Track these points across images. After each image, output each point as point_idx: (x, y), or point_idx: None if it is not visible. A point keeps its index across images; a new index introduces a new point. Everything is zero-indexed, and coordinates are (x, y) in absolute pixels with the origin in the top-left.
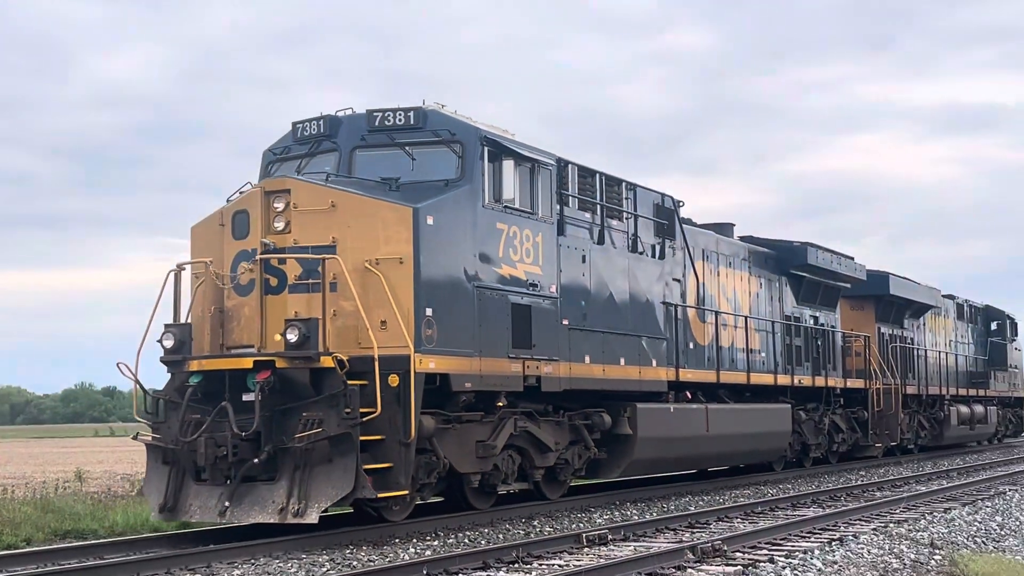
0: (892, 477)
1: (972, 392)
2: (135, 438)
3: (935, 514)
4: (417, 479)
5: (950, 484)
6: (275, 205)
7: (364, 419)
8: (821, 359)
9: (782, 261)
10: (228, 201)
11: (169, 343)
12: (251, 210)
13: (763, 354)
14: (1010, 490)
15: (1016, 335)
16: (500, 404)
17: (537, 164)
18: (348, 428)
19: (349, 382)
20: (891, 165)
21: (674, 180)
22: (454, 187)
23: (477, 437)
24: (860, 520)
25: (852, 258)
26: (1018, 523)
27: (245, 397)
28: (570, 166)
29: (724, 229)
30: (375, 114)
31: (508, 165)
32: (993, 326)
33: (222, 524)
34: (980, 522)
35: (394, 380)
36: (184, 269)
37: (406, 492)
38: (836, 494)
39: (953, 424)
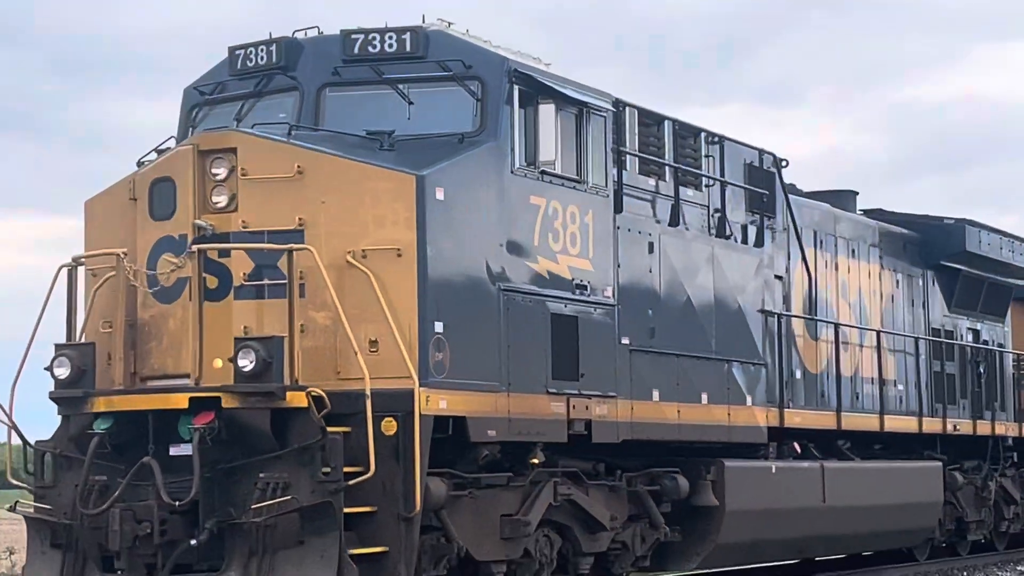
0: None
1: None
2: (12, 509)
3: None
4: (420, 569)
5: None
6: (214, 171)
7: (350, 482)
8: (984, 394)
9: (928, 248)
10: (140, 165)
11: (63, 372)
12: (178, 178)
13: (900, 387)
14: None
15: None
16: (535, 461)
17: (586, 109)
18: (328, 496)
19: (329, 429)
20: None
21: (726, 114)
22: (472, 144)
23: (502, 509)
24: None
25: None
26: None
27: (175, 450)
28: (628, 110)
29: (843, 200)
30: (354, 37)
31: (547, 111)
32: None
33: None
34: None
35: (390, 427)
36: (81, 265)
37: None
38: None
39: None
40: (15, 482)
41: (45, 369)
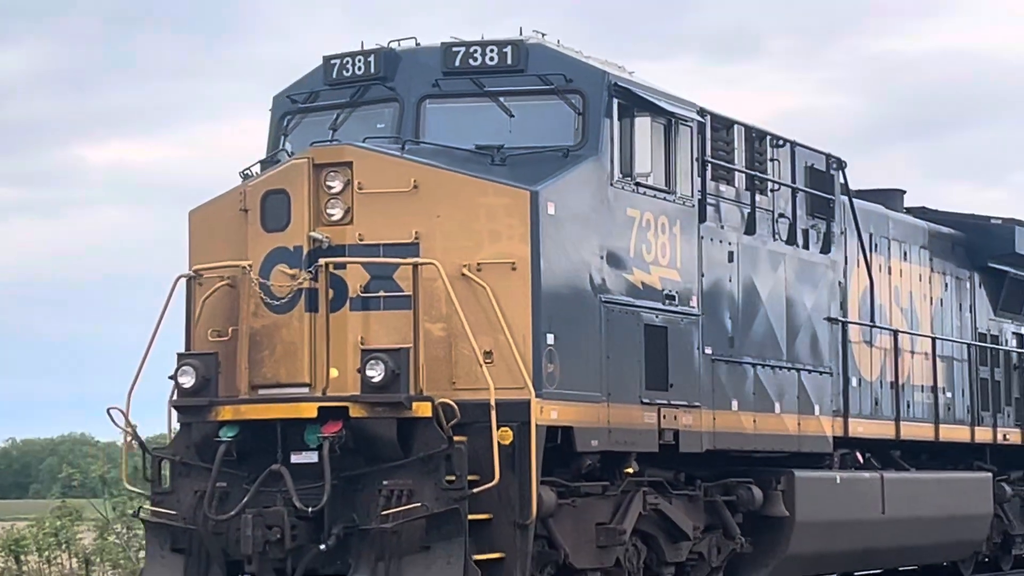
0: None
1: None
2: (136, 515)
3: None
4: (530, 574)
5: None
6: (329, 184)
7: (474, 491)
8: None
9: (974, 249)
10: (244, 176)
11: (188, 381)
12: (292, 190)
13: (949, 394)
14: None
15: None
16: (629, 471)
17: (675, 120)
18: (454, 503)
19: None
20: None
21: (675, 69)
22: (576, 159)
23: (598, 518)
24: None
25: None
26: None
27: (296, 458)
28: (708, 117)
29: (890, 199)
30: (455, 50)
31: (643, 124)
32: None
33: None
34: None
35: (506, 436)
36: (202, 277)
37: None
38: None
39: None
40: (131, 488)
41: (169, 378)
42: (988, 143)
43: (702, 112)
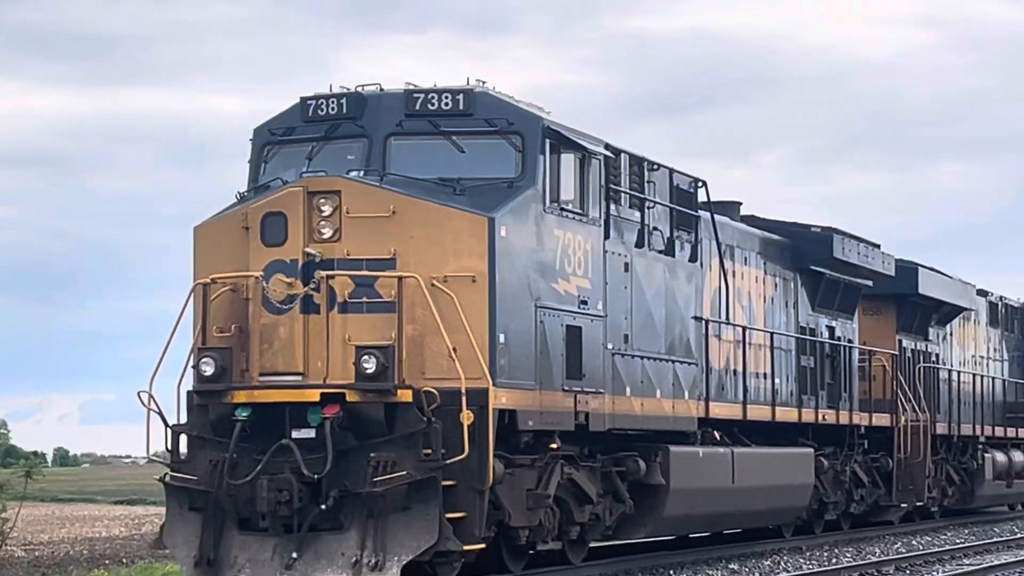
0: None
1: (1012, 433)
2: (162, 480)
3: None
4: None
5: None
6: (321, 208)
7: (447, 462)
8: (838, 386)
9: (799, 253)
10: (241, 196)
11: (209, 370)
12: (289, 212)
13: (779, 380)
14: None
15: None
16: (554, 446)
17: (588, 155)
18: (431, 472)
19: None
20: (812, 27)
21: (430, 42)
22: (518, 189)
23: (527, 485)
24: None
25: (879, 245)
26: None
27: (296, 434)
28: (621, 154)
29: (730, 210)
30: (416, 95)
31: (567, 160)
32: None
33: None
34: None
35: (469, 417)
36: (215, 283)
37: (483, 545)
38: None
39: (988, 479)
40: (154, 458)
41: (192, 367)
42: (734, 122)
43: (607, 147)
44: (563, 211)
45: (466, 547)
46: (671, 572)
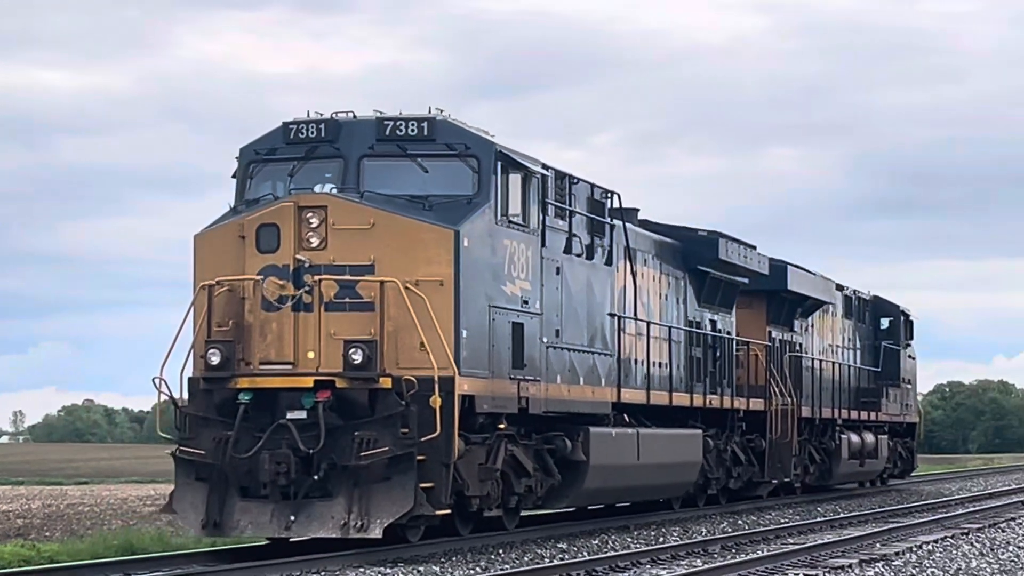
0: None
1: (863, 416)
2: (174, 454)
3: None
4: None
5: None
6: (309, 220)
7: (422, 439)
8: (720, 374)
9: (689, 255)
10: (234, 209)
11: (216, 359)
12: (282, 224)
13: (674, 369)
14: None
15: (911, 337)
16: (502, 427)
17: (530, 174)
18: (408, 448)
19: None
20: (649, 11)
21: (266, 19)
22: (476, 205)
23: (479, 460)
24: None
25: (755, 247)
26: None
27: (291, 415)
28: (550, 170)
29: (630, 216)
30: (386, 122)
31: (516, 179)
32: (884, 324)
33: (285, 537)
34: None
35: (437, 401)
36: (220, 284)
37: (449, 511)
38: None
39: (844, 458)
40: (163, 435)
41: (201, 357)
42: (570, 104)
43: (543, 166)
44: (511, 223)
45: (441, 512)
46: (582, 539)
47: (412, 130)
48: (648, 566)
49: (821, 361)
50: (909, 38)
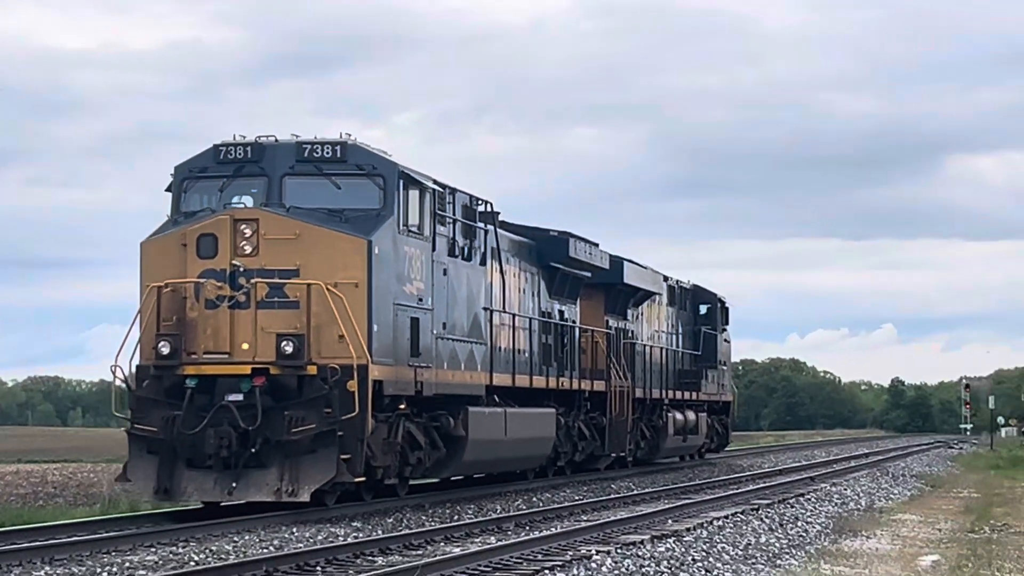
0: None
1: (685, 395)
2: (128, 431)
3: None
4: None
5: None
6: (243, 231)
7: (343, 418)
8: (566, 359)
9: (543, 253)
10: (174, 220)
11: (167, 350)
12: (219, 234)
13: (533, 355)
14: (599, 552)
15: (727, 322)
16: (402, 407)
17: (424, 189)
18: (331, 425)
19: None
20: None
21: None
22: (383, 218)
23: (383, 436)
24: None
25: (598, 244)
26: None
27: (230, 397)
28: (439, 185)
29: (494, 220)
30: (304, 146)
31: (414, 195)
32: (703, 310)
33: (227, 502)
34: None
35: (353, 386)
36: (168, 286)
37: (364, 478)
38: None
39: (671, 434)
40: (117, 414)
41: (152, 348)
42: (371, 82)
43: (435, 182)
44: (410, 232)
45: (357, 479)
46: (460, 504)
47: (327, 153)
48: (442, 543)
49: (650, 346)
50: (708, 20)
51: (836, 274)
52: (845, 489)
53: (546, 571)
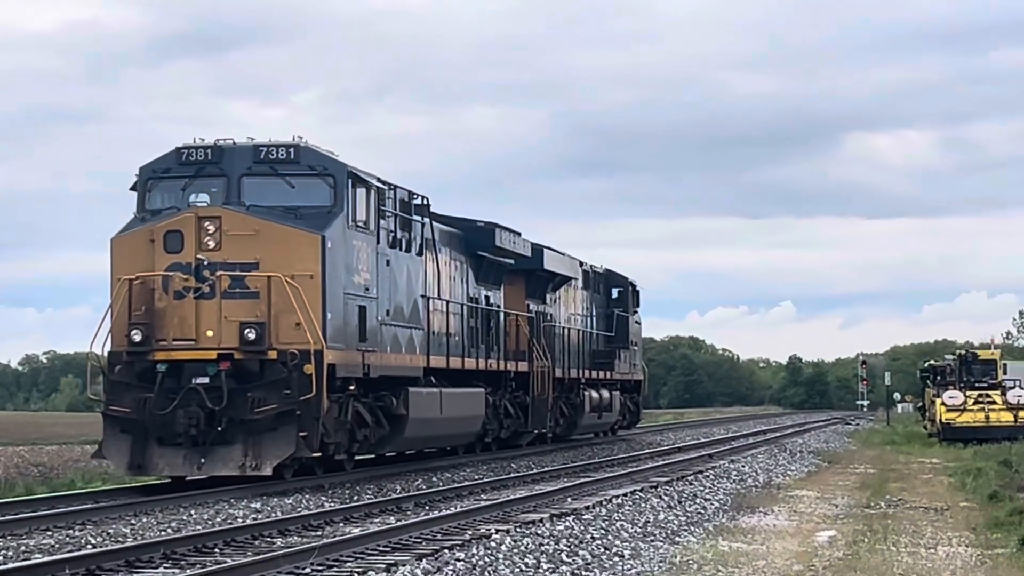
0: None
1: (600, 375)
2: (104, 412)
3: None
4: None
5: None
6: (207, 228)
7: (301, 398)
8: (492, 341)
9: (470, 242)
10: (141, 217)
11: (139, 337)
12: (185, 230)
13: (464, 338)
14: (498, 531)
15: (638, 304)
16: (352, 388)
17: (370, 187)
18: (291, 405)
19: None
20: None
21: None
22: (334, 215)
23: (335, 414)
24: None
25: (520, 233)
26: None
27: (197, 380)
28: (381, 183)
29: (427, 212)
30: (260, 148)
31: (362, 193)
32: (615, 294)
33: (197, 476)
34: None
35: (309, 369)
36: (138, 279)
37: (320, 454)
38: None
39: (587, 411)
40: (92, 396)
41: (125, 336)
42: (269, 61)
43: (379, 180)
44: (358, 227)
45: (315, 454)
46: (404, 475)
47: (281, 154)
48: (341, 524)
49: (568, 328)
50: (608, 0)
51: (736, 252)
52: (743, 466)
53: (445, 550)
